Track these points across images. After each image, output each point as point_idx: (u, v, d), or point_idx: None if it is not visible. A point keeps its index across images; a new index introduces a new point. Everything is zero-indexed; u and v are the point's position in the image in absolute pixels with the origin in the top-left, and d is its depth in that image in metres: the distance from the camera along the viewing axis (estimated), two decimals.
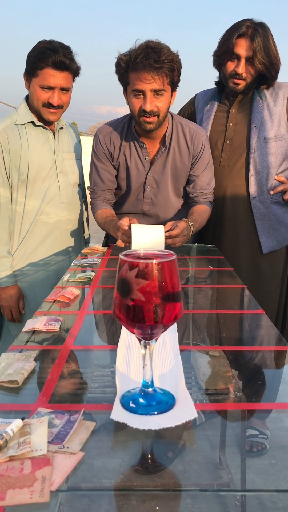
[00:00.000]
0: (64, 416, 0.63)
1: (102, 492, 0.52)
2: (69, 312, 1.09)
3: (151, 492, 0.76)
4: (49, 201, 1.93)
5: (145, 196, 1.88)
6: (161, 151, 1.82)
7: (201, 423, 0.68)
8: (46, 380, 0.75)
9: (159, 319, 0.61)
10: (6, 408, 0.68)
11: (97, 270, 1.47)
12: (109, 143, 1.86)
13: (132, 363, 0.80)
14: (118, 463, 0.56)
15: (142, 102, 1.65)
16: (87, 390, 0.74)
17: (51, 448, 0.57)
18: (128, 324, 0.62)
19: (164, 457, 0.60)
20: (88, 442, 0.58)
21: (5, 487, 0.50)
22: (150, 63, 1.56)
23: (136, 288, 0.60)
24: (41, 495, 0.49)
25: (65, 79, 1.77)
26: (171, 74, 1.62)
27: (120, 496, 0.88)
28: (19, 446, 0.56)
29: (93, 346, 0.92)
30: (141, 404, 0.65)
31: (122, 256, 0.63)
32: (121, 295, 0.62)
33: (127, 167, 1.86)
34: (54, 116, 1.84)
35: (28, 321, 1.00)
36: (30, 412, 0.65)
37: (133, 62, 1.59)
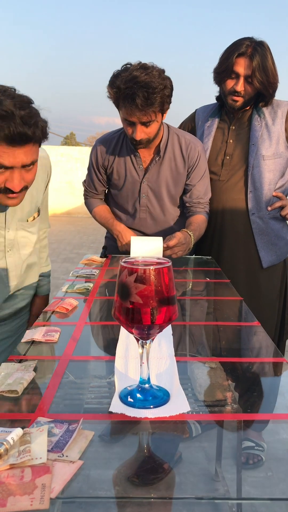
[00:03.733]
0: (63, 426, 0.65)
1: (98, 503, 0.53)
2: (68, 323, 1.10)
3: (147, 503, 0.77)
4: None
5: (141, 204, 1.92)
6: (155, 160, 1.86)
7: (197, 434, 0.70)
8: (45, 390, 0.76)
9: (156, 320, 0.68)
10: (6, 417, 0.69)
11: (95, 281, 1.49)
12: (105, 155, 1.93)
13: (130, 363, 0.86)
14: (114, 474, 0.57)
15: (133, 130, 1.69)
16: (85, 400, 0.75)
17: (50, 456, 0.58)
18: (127, 325, 0.69)
19: (160, 468, 0.61)
20: (85, 452, 0.60)
21: (6, 495, 0.52)
22: (138, 106, 1.56)
23: (134, 292, 0.67)
24: (41, 502, 0.51)
25: (27, 153, 1.17)
26: (161, 107, 1.64)
27: (116, 506, 0.89)
28: (19, 455, 0.58)
29: (92, 356, 0.93)
30: (138, 399, 0.72)
31: (122, 263, 0.69)
32: (121, 298, 0.68)
33: (123, 176, 1.91)
34: (16, 200, 1.26)
35: (27, 331, 1.02)
36: (30, 421, 0.66)
37: (122, 98, 1.59)
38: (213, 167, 2.04)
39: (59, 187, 13.84)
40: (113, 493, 0.54)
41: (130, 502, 0.55)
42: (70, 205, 13.80)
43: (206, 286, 1.56)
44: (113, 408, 0.69)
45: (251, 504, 0.55)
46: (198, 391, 0.78)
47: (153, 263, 0.70)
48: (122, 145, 1.89)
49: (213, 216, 2.04)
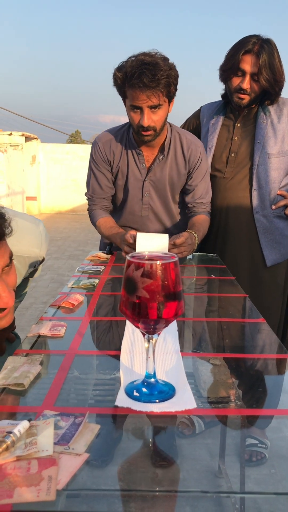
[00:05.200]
0: (69, 419, 0.65)
1: (102, 496, 0.53)
2: (74, 318, 1.11)
3: (150, 498, 0.77)
4: None
5: (143, 202, 1.92)
6: (158, 159, 1.85)
7: (200, 431, 0.70)
8: (51, 384, 0.77)
9: (162, 314, 0.68)
10: (13, 410, 0.69)
11: (101, 277, 1.49)
12: (108, 151, 1.89)
13: (136, 357, 0.86)
14: (118, 468, 0.57)
15: (140, 117, 1.68)
16: (91, 394, 0.75)
17: (57, 449, 0.58)
18: (134, 319, 0.69)
19: (164, 463, 0.61)
20: (91, 445, 0.60)
21: (13, 486, 0.52)
22: (145, 83, 1.57)
23: (141, 286, 0.67)
24: (47, 493, 0.51)
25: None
26: (168, 89, 1.64)
27: (120, 501, 0.89)
28: (26, 447, 0.58)
29: (97, 351, 0.94)
30: (144, 393, 0.72)
31: (128, 257, 0.69)
32: (127, 292, 0.69)
33: (125, 174, 1.90)
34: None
35: (33, 326, 1.02)
36: (36, 414, 0.67)
37: (128, 80, 1.60)
38: (218, 164, 2.04)
39: (65, 185, 13.86)
40: (118, 486, 0.54)
41: (134, 496, 0.55)
42: (75, 202, 13.81)
43: (211, 283, 1.56)
44: (119, 402, 0.70)
45: (254, 501, 0.55)
46: (202, 387, 0.78)
47: (160, 258, 0.70)
48: (125, 143, 1.87)
49: (217, 213, 2.04)
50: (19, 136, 11.60)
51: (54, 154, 13.71)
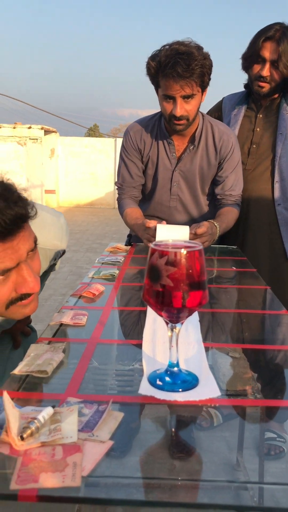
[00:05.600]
0: (92, 406, 0.65)
1: (124, 484, 0.52)
2: (95, 307, 1.10)
3: (168, 490, 0.76)
4: None
5: (172, 192, 1.89)
6: (189, 149, 1.82)
7: (218, 424, 0.69)
8: (74, 371, 0.77)
9: (186, 303, 0.66)
10: (36, 396, 0.69)
11: (121, 268, 1.49)
12: (139, 140, 1.87)
13: (158, 347, 0.85)
14: (141, 456, 0.56)
15: (172, 106, 1.65)
16: (113, 382, 0.75)
17: (81, 436, 0.58)
18: (157, 307, 0.68)
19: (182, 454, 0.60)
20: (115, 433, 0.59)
21: (38, 471, 0.52)
22: (179, 73, 1.55)
23: (165, 274, 0.66)
24: (72, 479, 0.50)
25: (24, 240, 0.87)
26: (202, 79, 1.61)
27: (138, 493, 0.89)
28: (50, 433, 0.58)
29: (119, 340, 0.93)
30: (167, 382, 0.71)
31: (152, 246, 0.68)
32: (151, 281, 0.68)
33: (155, 164, 1.87)
34: (32, 306, 0.95)
35: (55, 314, 1.02)
36: (60, 401, 0.67)
37: (162, 69, 1.58)
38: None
39: (83, 178, 13.91)
40: (140, 475, 0.54)
41: (153, 486, 0.54)
42: (93, 196, 13.86)
43: (232, 275, 1.54)
44: (143, 391, 0.69)
45: (272, 494, 0.54)
46: (221, 380, 0.77)
47: (184, 246, 0.68)
48: (156, 132, 1.85)
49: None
50: (38, 129, 11.66)
51: (73, 148, 13.76)
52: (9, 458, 0.55)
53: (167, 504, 0.52)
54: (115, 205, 13.50)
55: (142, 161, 1.90)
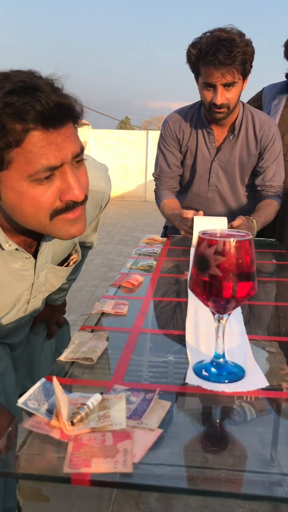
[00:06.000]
0: (139, 394, 0.65)
1: (171, 473, 0.52)
2: (135, 297, 1.10)
3: (202, 484, 0.76)
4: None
5: (210, 183, 1.87)
6: (229, 139, 1.79)
7: (251, 419, 0.68)
8: (118, 360, 0.77)
9: (235, 294, 0.65)
10: (83, 383, 0.70)
11: (158, 259, 1.49)
12: (178, 130, 1.85)
13: (201, 338, 0.85)
14: (168, 452, 0.55)
15: (213, 95, 1.63)
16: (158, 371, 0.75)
17: (129, 423, 0.58)
18: (204, 297, 0.68)
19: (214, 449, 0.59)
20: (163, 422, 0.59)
21: (90, 456, 0.52)
22: (221, 60, 1.52)
23: (214, 264, 0.65)
24: (124, 465, 0.51)
25: (70, 138, 0.80)
26: (243, 66, 1.58)
27: (187, 477, 0.88)
28: (99, 419, 0.58)
29: (161, 330, 0.93)
30: (213, 373, 0.71)
31: (201, 235, 0.67)
32: (199, 270, 0.67)
33: (193, 154, 1.85)
34: (79, 225, 0.87)
35: (96, 303, 1.03)
36: (107, 388, 0.67)
37: (203, 56, 1.56)
38: None
39: (114, 171, 13.93)
40: (168, 472, 0.53)
41: (202, 473, 0.53)
42: (124, 188, 13.89)
43: (270, 267, 1.52)
44: (189, 380, 0.69)
45: None
46: None
47: (233, 235, 0.67)
48: (196, 122, 1.83)
49: None
50: None
51: (105, 140, 13.80)
52: (60, 442, 0.55)
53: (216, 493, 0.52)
54: (146, 198, 13.51)
55: (180, 151, 1.88)
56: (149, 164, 13.16)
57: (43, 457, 0.53)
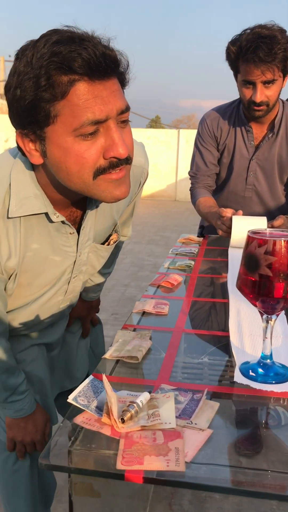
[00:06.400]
0: (187, 394, 0.65)
1: (185, 483, 0.52)
2: (175, 297, 1.10)
3: (261, 476, 0.74)
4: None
5: (247, 182, 1.85)
6: (267, 137, 1.77)
7: (286, 423, 0.67)
8: (163, 359, 0.77)
9: (285, 294, 0.65)
10: (130, 382, 0.70)
11: (195, 259, 1.48)
12: (216, 128, 1.84)
13: (245, 339, 0.85)
14: (202, 455, 0.55)
15: (252, 92, 1.61)
16: (204, 371, 0.75)
17: (179, 422, 0.58)
18: (252, 297, 0.67)
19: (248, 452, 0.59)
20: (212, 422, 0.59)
21: (142, 453, 0.53)
22: (261, 57, 1.50)
23: (264, 264, 0.65)
24: (177, 464, 0.51)
25: (115, 93, 0.78)
26: (284, 63, 1.55)
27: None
28: (149, 418, 0.58)
29: (203, 331, 0.92)
30: (260, 374, 0.70)
31: (250, 234, 0.68)
32: (248, 270, 0.67)
33: (231, 152, 1.84)
34: (123, 187, 0.85)
35: (137, 303, 1.03)
36: (153, 387, 0.67)
37: (243, 54, 1.54)
38: None
39: None
40: (201, 473, 0.52)
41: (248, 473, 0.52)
42: (154, 188, 13.88)
43: None
44: (238, 379, 0.69)
45: None
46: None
47: (283, 235, 0.67)
48: (234, 119, 1.82)
49: None
50: None
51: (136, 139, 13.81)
52: (110, 439, 0.56)
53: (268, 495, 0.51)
54: (176, 197, 13.47)
55: (217, 149, 1.87)
56: (179, 163, 13.13)
57: (94, 453, 0.54)
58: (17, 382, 1.03)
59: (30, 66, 0.73)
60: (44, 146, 0.79)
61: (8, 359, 1.01)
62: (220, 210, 1.63)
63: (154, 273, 4.23)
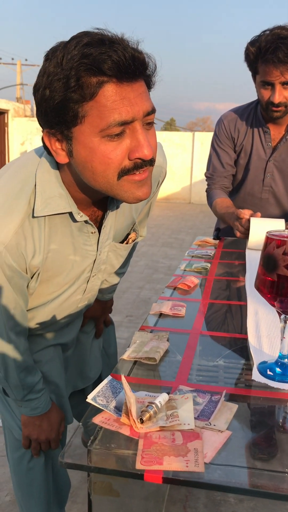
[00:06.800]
0: (205, 396, 0.65)
1: (204, 483, 0.51)
2: (192, 299, 1.10)
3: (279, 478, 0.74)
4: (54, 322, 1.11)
5: (264, 183, 1.84)
6: (285, 138, 1.76)
7: None
8: (181, 361, 0.77)
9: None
10: (148, 382, 0.71)
11: (212, 262, 1.48)
12: (233, 129, 1.84)
13: (263, 339, 0.86)
14: (217, 458, 0.55)
15: (271, 93, 1.61)
16: (220, 374, 0.75)
17: (197, 424, 0.59)
18: (270, 297, 0.69)
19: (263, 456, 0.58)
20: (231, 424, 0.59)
21: (161, 454, 0.53)
22: (280, 58, 1.51)
23: (282, 264, 0.66)
24: (196, 464, 0.51)
25: (143, 96, 0.80)
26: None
27: (218, 492, 0.87)
28: (167, 418, 0.59)
29: (221, 333, 0.92)
30: (278, 373, 0.72)
31: (268, 235, 0.69)
32: (266, 270, 0.68)
33: (248, 153, 1.84)
34: (145, 188, 0.86)
35: (154, 304, 1.04)
36: (172, 388, 0.67)
37: (262, 54, 1.54)
38: None
39: None
40: (217, 477, 0.52)
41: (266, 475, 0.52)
42: (169, 190, 13.88)
43: None
44: (256, 377, 0.70)
45: None
46: None
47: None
48: (252, 121, 1.82)
49: None
50: None
51: None
52: (129, 439, 0.56)
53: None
54: (191, 200, 13.44)
55: (234, 150, 1.87)
56: (194, 166, 13.10)
57: (114, 453, 0.54)
58: (34, 380, 1.04)
59: (60, 67, 0.75)
60: (71, 146, 0.80)
61: (27, 358, 1.02)
62: (238, 211, 1.62)
63: (169, 275, 4.22)
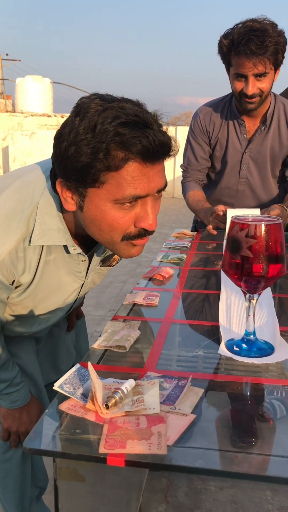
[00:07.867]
0: (172, 381, 0.66)
1: (181, 473, 0.53)
2: (166, 289, 1.11)
3: (231, 480, 0.75)
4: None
5: (240, 175, 1.86)
6: (260, 130, 1.78)
7: (281, 416, 0.67)
8: (151, 348, 0.78)
9: (265, 274, 0.70)
10: (117, 370, 0.71)
11: (188, 253, 1.49)
12: (208, 122, 1.85)
13: (233, 320, 0.89)
14: (180, 441, 0.56)
15: (244, 85, 1.62)
16: (189, 359, 0.76)
17: (163, 408, 0.59)
18: (236, 278, 0.72)
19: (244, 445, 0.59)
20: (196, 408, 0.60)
21: (125, 438, 0.53)
22: (253, 50, 1.52)
23: (245, 246, 0.69)
24: (158, 447, 0.52)
25: (160, 173, 0.84)
26: (275, 56, 1.56)
27: (199, 480, 0.88)
28: (133, 403, 0.59)
29: (192, 321, 0.93)
30: (243, 349, 0.75)
31: (233, 219, 0.72)
32: (231, 252, 0.72)
33: (224, 146, 1.85)
34: (139, 247, 0.91)
35: (128, 295, 1.04)
36: (140, 375, 0.68)
37: (235, 47, 1.55)
38: None
39: None
40: (197, 465, 0.53)
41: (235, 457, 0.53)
42: None
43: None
44: (221, 352, 0.74)
45: None
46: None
47: (264, 220, 0.70)
48: (227, 114, 1.83)
49: None
50: None
51: None
52: (95, 424, 0.57)
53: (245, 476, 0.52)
54: (174, 194, 13.46)
55: (210, 144, 1.88)
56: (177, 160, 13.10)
57: (79, 438, 0.55)
58: (12, 374, 1.05)
59: (91, 133, 0.76)
60: (83, 202, 0.83)
61: (3, 355, 1.02)
62: (214, 208, 1.63)
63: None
